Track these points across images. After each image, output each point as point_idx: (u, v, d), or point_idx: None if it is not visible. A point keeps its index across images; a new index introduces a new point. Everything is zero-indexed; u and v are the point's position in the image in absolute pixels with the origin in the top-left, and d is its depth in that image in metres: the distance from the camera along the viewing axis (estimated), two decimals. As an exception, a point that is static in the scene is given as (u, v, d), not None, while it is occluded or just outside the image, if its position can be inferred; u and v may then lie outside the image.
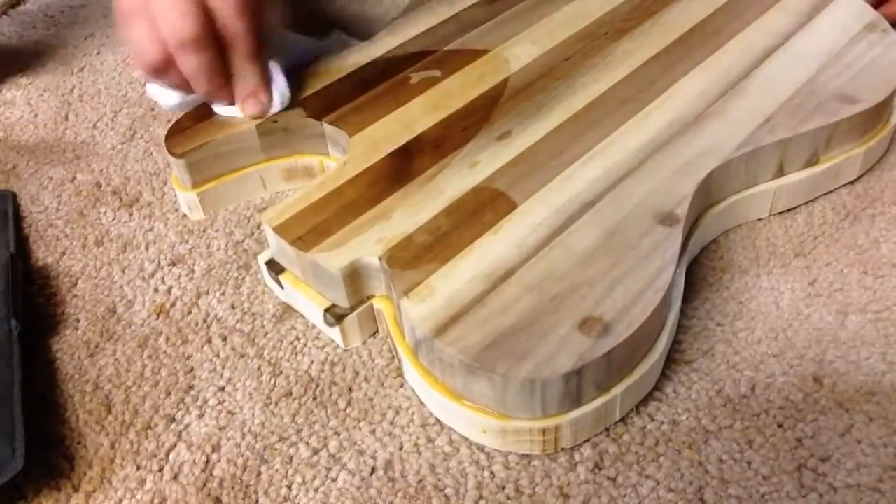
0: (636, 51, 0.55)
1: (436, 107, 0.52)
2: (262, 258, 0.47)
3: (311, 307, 0.45)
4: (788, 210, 0.50)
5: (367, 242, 0.43)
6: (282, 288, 0.47)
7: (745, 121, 0.48)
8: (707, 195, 0.47)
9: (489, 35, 0.59)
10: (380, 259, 0.42)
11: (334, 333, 0.45)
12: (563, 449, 0.39)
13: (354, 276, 0.43)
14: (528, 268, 0.40)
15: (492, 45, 0.58)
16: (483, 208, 0.44)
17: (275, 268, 0.46)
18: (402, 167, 0.48)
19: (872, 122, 0.50)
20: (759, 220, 0.50)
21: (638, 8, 0.60)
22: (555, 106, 0.51)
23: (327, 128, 0.52)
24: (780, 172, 0.49)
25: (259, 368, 0.45)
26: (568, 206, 0.44)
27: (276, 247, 0.46)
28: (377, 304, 0.44)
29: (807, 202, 0.50)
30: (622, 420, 0.40)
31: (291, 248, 0.43)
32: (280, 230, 0.44)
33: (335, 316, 0.44)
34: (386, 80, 0.55)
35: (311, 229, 0.44)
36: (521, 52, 0.57)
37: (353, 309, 0.44)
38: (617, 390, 0.38)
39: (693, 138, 0.48)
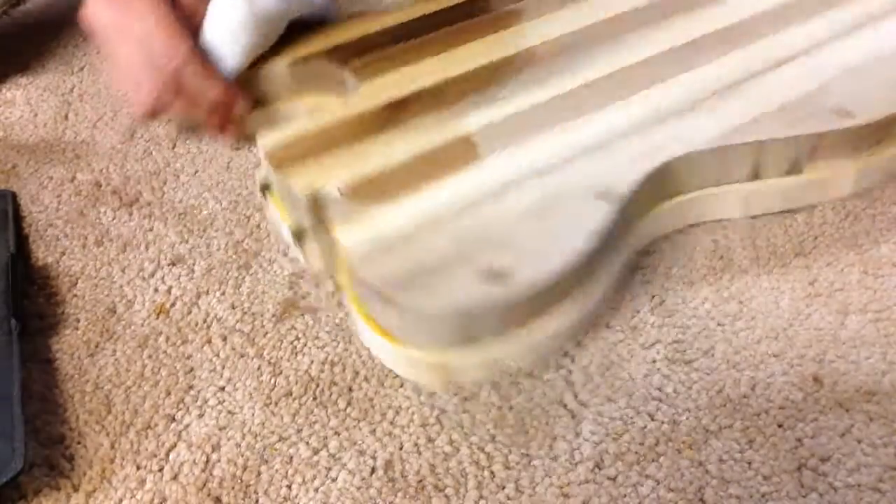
0: (659, 40, 0.55)
1: (447, 67, 0.55)
2: (259, 175, 0.52)
3: (283, 226, 0.49)
4: (774, 214, 0.49)
5: (337, 174, 0.47)
6: (265, 199, 0.51)
7: (729, 118, 0.48)
8: (668, 183, 0.47)
9: (521, 11, 0.61)
10: (339, 189, 0.45)
11: (298, 253, 0.49)
12: (460, 387, 0.42)
13: (317, 204, 0.46)
14: (463, 216, 0.44)
15: (521, 19, 0.60)
16: (450, 159, 0.47)
17: (267, 188, 0.51)
18: (395, 115, 0.51)
19: (868, 140, 0.48)
20: (754, 218, 0.50)
21: (678, 1, 0.60)
22: (554, 81, 0.53)
23: (346, 75, 0.56)
24: (756, 176, 0.48)
25: (259, 368, 0.45)
26: (522, 169, 0.46)
27: (266, 167, 0.50)
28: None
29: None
30: (622, 419, 0.40)
31: (273, 169, 0.48)
32: (269, 152, 0.49)
33: (298, 235, 0.47)
34: (410, 39, 0.58)
35: (292, 155, 0.48)
36: (547, 29, 0.58)
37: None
38: (513, 342, 0.42)
39: (667, 126, 0.48)
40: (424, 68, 0.55)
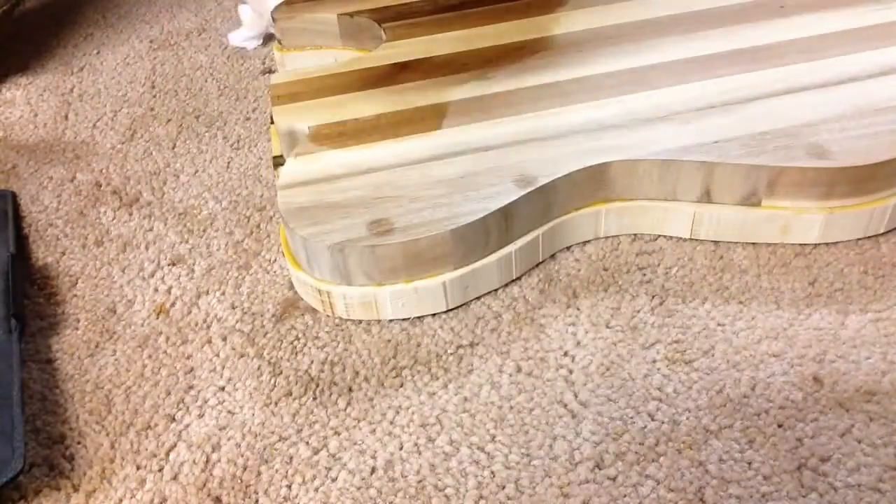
0: (674, 51, 0.55)
1: (466, 41, 0.59)
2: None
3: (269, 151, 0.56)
4: (728, 243, 0.48)
5: (315, 115, 0.52)
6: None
7: (694, 133, 0.48)
8: (603, 185, 0.48)
9: (569, 2, 0.63)
10: (308, 128, 0.51)
11: (274, 178, 0.53)
12: (340, 318, 0.46)
13: (293, 138, 0.52)
14: (389, 173, 0.48)
15: (560, 9, 0.62)
16: (413, 123, 0.51)
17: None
18: (392, 75, 0.56)
19: (837, 186, 0.46)
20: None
21: (725, 14, 0.59)
22: (544, 73, 0.55)
23: (381, 33, 0.62)
24: (708, 198, 0.48)
25: (259, 368, 0.45)
26: (464, 145, 0.49)
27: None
28: None
29: (754, 244, 0.48)
30: (622, 419, 0.40)
31: (271, 103, 0.54)
32: (273, 87, 0.56)
33: (277, 164, 0.51)
34: (448, 12, 0.63)
35: (292, 94, 0.55)
36: (578, 22, 0.60)
37: None
38: (385, 288, 0.45)
39: (624, 132, 0.49)
40: (442, 40, 0.59)
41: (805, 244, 0.48)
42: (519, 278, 0.48)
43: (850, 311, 0.44)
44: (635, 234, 0.50)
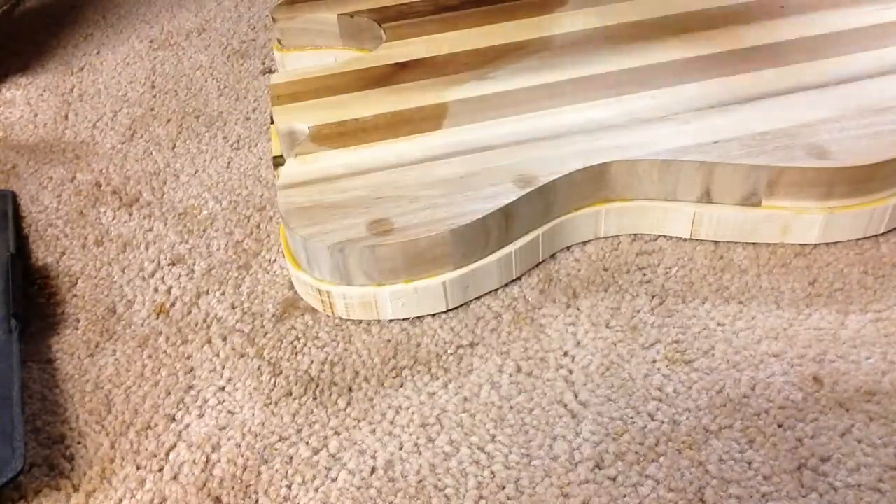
0: (684, 49, 0.55)
1: (466, 41, 0.59)
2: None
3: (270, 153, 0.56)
4: (728, 243, 0.48)
5: (315, 115, 0.53)
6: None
7: (694, 133, 0.48)
8: (603, 185, 0.48)
9: (569, 2, 0.63)
10: (308, 128, 0.51)
11: (274, 178, 0.53)
12: (340, 318, 0.47)
13: (293, 138, 0.52)
14: (389, 173, 0.48)
15: (562, 7, 0.62)
16: (413, 123, 0.51)
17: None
18: (392, 75, 0.56)
19: (837, 186, 0.46)
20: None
21: (725, 14, 0.59)
22: (544, 73, 0.55)
23: (381, 33, 0.62)
24: (708, 198, 0.48)
25: (259, 368, 0.45)
26: (466, 145, 0.49)
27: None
28: None
29: (754, 244, 0.48)
30: (622, 419, 0.40)
31: (271, 103, 0.55)
32: (273, 87, 0.56)
33: (277, 164, 0.51)
34: (448, 12, 0.63)
35: (292, 94, 0.55)
36: (579, 20, 0.60)
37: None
38: (385, 288, 0.45)
39: (624, 132, 0.49)
40: (442, 40, 0.59)
41: (805, 244, 0.48)
42: (519, 278, 0.48)
43: (850, 311, 0.44)
44: (635, 234, 0.50)
